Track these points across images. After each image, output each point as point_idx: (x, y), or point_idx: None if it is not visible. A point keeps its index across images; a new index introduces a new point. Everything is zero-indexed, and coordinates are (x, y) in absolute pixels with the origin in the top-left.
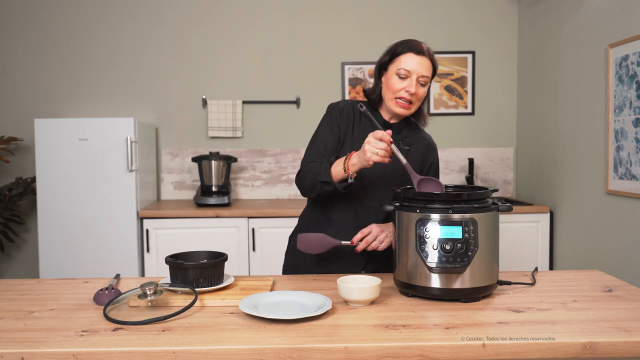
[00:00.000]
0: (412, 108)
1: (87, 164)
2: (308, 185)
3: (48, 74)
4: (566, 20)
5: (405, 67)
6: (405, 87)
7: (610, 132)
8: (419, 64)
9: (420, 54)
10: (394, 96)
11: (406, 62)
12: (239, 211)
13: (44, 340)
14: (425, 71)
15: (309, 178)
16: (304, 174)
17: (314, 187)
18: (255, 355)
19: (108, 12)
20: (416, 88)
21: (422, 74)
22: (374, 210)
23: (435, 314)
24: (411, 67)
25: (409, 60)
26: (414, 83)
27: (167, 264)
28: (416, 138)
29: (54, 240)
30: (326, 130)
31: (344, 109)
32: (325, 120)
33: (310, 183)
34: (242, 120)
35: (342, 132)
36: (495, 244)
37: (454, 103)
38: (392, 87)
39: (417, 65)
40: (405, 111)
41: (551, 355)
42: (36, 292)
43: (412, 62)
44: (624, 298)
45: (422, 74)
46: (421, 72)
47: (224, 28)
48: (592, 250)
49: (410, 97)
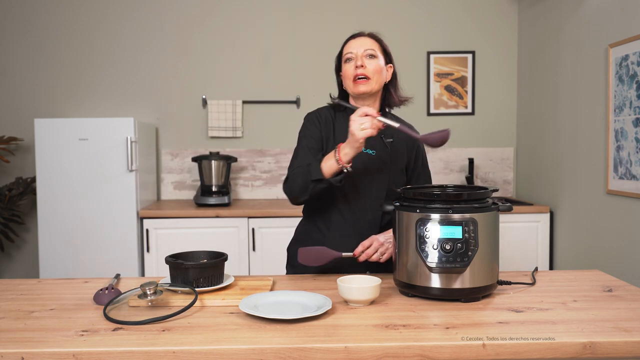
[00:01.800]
0: (370, 82)
1: (87, 164)
2: (298, 188)
3: (48, 74)
4: (566, 20)
5: (348, 51)
6: (356, 64)
7: (610, 132)
8: (358, 44)
9: (358, 36)
10: (351, 80)
11: (348, 47)
12: (239, 211)
13: (44, 340)
14: (367, 46)
15: (298, 181)
16: (292, 179)
17: (305, 188)
18: (255, 355)
19: (108, 12)
20: (363, 61)
21: (365, 48)
22: (372, 211)
23: (435, 314)
24: (352, 49)
25: (350, 44)
26: (360, 58)
27: (167, 264)
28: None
29: (54, 240)
30: (308, 139)
31: (321, 116)
32: (306, 128)
33: (300, 185)
34: (242, 120)
35: (324, 138)
36: (495, 244)
37: (454, 103)
38: (347, 74)
39: (357, 45)
40: (366, 87)
41: (551, 355)
42: (36, 292)
43: (352, 45)
44: (624, 298)
45: (364, 48)
46: (363, 48)
47: (224, 28)
48: (592, 250)
49: (363, 70)
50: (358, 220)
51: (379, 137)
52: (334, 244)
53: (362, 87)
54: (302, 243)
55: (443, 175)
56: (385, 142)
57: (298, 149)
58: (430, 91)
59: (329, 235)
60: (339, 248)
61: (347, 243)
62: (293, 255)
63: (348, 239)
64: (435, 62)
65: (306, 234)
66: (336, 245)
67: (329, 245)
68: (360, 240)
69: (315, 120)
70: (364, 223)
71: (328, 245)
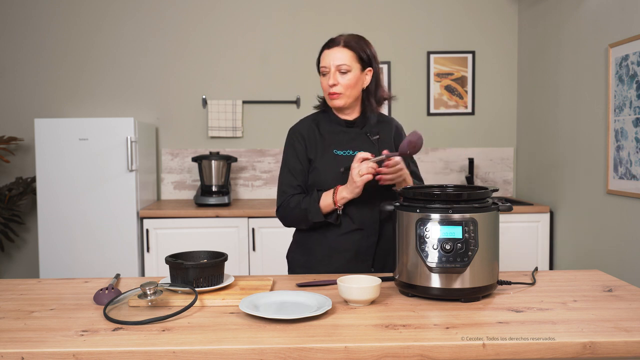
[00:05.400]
0: (343, 97)
1: (87, 164)
2: (295, 221)
3: (48, 74)
4: (566, 20)
5: (322, 65)
6: (328, 82)
7: (610, 132)
8: (331, 56)
9: (332, 46)
10: (327, 93)
11: (322, 60)
12: (239, 211)
13: (44, 340)
14: (340, 60)
15: (295, 216)
16: (289, 211)
17: (302, 222)
18: (255, 355)
19: (108, 12)
20: (335, 79)
21: (337, 63)
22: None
23: (435, 313)
24: (326, 62)
25: (324, 57)
26: (332, 75)
27: (167, 264)
28: (380, 125)
29: (54, 240)
30: (292, 160)
31: (304, 129)
32: (290, 148)
33: (297, 220)
34: (242, 120)
35: (307, 154)
36: (495, 244)
37: (454, 103)
38: (322, 87)
39: (330, 58)
40: (338, 102)
41: (551, 355)
42: (36, 292)
43: (326, 57)
44: (624, 298)
45: (337, 63)
46: (336, 62)
47: (224, 28)
48: (592, 250)
49: (335, 89)
50: (356, 220)
51: (365, 136)
52: (335, 243)
53: (336, 102)
54: (304, 247)
55: (443, 175)
56: (372, 140)
57: (284, 171)
58: (430, 91)
59: (330, 236)
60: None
61: (348, 242)
62: (294, 262)
63: (348, 238)
64: (435, 62)
65: (307, 237)
66: (337, 244)
67: (330, 244)
68: (361, 237)
69: (299, 137)
70: (362, 221)
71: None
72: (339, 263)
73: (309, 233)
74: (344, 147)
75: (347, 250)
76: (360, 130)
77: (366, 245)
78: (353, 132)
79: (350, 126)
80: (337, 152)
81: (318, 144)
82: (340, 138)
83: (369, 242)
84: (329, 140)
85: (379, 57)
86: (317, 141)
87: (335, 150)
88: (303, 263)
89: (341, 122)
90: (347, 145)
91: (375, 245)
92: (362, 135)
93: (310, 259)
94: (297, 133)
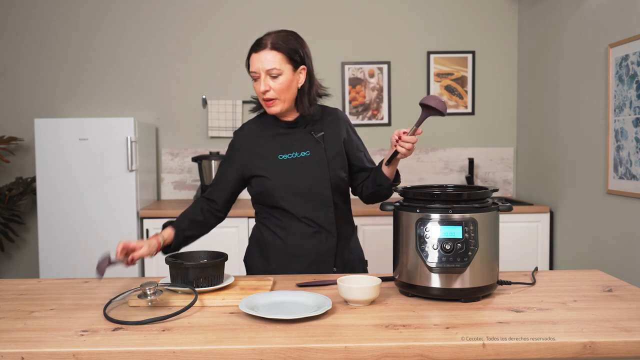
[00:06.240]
0: (279, 102)
1: (87, 164)
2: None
3: (48, 74)
4: (566, 20)
5: (252, 70)
6: (260, 88)
7: (610, 132)
8: (259, 60)
9: (259, 49)
10: (261, 100)
11: (251, 64)
12: (239, 211)
13: (44, 340)
14: (269, 64)
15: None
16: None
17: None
18: (255, 355)
19: (108, 12)
20: (266, 84)
21: (267, 67)
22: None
23: (435, 314)
24: (255, 67)
25: (252, 61)
26: (263, 80)
27: (167, 264)
28: (324, 119)
29: (54, 240)
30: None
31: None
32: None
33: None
34: (242, 120)
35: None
36: (495, 244)
37: (454, 103)
38: (256, 92)
39: (259, 63)
40: (275, 109)
41: (551, 355)
42: (36, 292)
43: (254, 62)
44: (624, 298)
45: (267, 68)
46: (266, 67)
47: (224, 28)
48: (592, 250)
49: (269, 95)
50: (312, 221)
51: (310, 135)
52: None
53: (273, 109)
54: (262, 252)
55: (443, 175)
56: (317, 138)
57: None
58: (430, 91)
59: (288, 239)
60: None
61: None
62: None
63: (307, 240)
64: (435, 62)
65: (264, 242)
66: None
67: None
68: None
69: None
70: (318, 222)
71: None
72: (300, 267)
73: (267, 237)
74: (287, 150)
75: (307, 254)
76: (304, 129)
77: (326, 248)
78: (296, 133)
79: (292, 127)
80: (282, 156)
81: (262, 154)
82: (283, 141)
83: (329, 244)
84: (271, 146)
85: (379, 57)
86: (261, 151)
87: (279, 155)
88: (262, 268)
89: (282, 124)
90: (291, 147)
91: (335, 246)
92: (306, 134)
93: (269, 265)
94: (232, 146)
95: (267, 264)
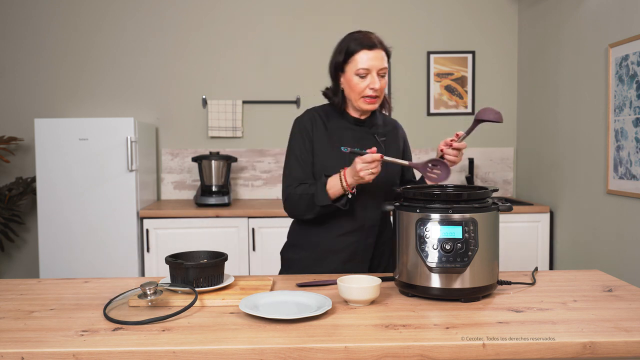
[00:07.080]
0: (379, 101)
1: (87, 164)
2: (303, 211)
3: (48, 74)
4: (566, 20)
5: (363, 67)
6: (369, 84)
7: (610, 132)
8: (374, 58)
9: (373, 48)
10: (360, 96)
11: (362, 61)
12: (239, 211)
13: (44, 340)
14: (381, 64)
15: (302, 204)
16: (296, 201)
17: (310, 211)
18: (255, 355)
19: (108, 12)
20: (378, 82)
21: (379, 67)
22: (370, 209)
23: (435, 314)
24: (368, 65)
25: (364, 58)
26: (375, 79)
27: (167, 264)
28: (387, 126)
29: (54, 240)
30: (299, 150)
31: (310, 121)
32: (295, 138)
33: (304, 209)
34: (242, 120)
35: (313, 145)
36: (495, 244)
37: (454, 103)
38: (357, 88)
39: (373, 61)
40: (375, 106)
41: (551, 355)
42: (36, 292)
43: (367, 59)
44: (624, 298)
45: (379, 67)
46: (378, 66)
47: (224, 28)
48: (592, 250)
49: (376, 92)
50: (357, 220)
51: (373, 137)
52: (332, 244)
53: (372, 106)
54: (298, 247)
55: None
56: (379, 141)
57: (290, 161)
58: (430, 91)
59: (327, 237)
60: (337, 248)
61: (346, 243)
62: (288, 260)
63: (347, 239)
64: (435, 62)
65: (303, 236)
66: (335, 245)
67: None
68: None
69: (304, 129)
70: (362, 222)
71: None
72: (335, 264)
73: (304, 233)
74: (351, 145)
75: (343, 251)
76: (369, 130)
77: (363, 247)
78: (361, 131)
79: (359, 125)
80: (345, 149)
81: (323, 139)
82: (348, 135)
83: (367, 243)
84: (336, 136)
85: None
86: (322, 135)
87: (343, 147)
88: (297, 262)
89: (350, 120)
90: (355, 144)
91: (373, 246)
92: (369, 135)
93: (305, 259)
94: (303, 125)
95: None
